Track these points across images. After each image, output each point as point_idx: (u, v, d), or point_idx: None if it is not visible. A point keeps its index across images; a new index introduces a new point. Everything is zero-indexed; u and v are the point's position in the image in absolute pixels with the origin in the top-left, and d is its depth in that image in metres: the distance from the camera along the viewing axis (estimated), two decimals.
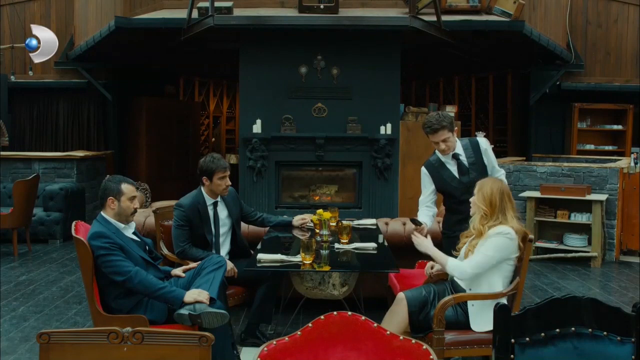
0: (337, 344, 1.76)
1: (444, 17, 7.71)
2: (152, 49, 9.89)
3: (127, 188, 3.51)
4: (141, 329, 1.68)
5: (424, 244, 3.55)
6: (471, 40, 8.78)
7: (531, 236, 3.44)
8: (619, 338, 1.72)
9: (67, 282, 6.12)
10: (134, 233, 3.58)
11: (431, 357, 1.66)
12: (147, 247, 3.60)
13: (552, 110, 10.65)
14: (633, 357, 1.71)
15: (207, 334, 1.70)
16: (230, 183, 4.38)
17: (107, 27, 8.29)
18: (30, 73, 9.60)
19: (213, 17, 6.96)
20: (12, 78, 9.54)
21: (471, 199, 3.50)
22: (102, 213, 3.49)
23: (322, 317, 1.79)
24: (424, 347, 1.70)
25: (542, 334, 1.70)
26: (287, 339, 1.75)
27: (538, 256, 7.35)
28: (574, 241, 7.29)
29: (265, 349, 1.69)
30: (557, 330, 1.71)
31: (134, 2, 8.48)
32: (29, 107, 10.86)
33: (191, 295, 3.26)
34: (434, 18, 7.50)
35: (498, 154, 10.64)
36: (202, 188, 4.37)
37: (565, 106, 10.65)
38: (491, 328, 3.21)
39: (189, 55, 10.38)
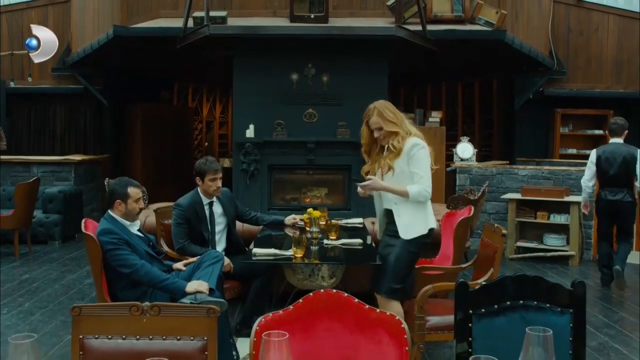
0: (324, 317, 2.07)
1: (430, 27, 8.03)
2: (148, 56, 10.17)
3: (133, 191, 3.80)
4: (158, 303, 1.99)
5: (376, 184, 3.70)
6: (457, 49, 9.11)
7: (504, 231, 3.76)
8: (559, 309, 2.04)
9: (69, 280, 6.39)
10: (138, 230, 3.87)
11: (402, 325, 1.97)
12: (150, 243, 3.90)
13: (535, 116, 10.99)
14: (571, 325, 2.03)
15: (214, 306, 2.01)
16: (220, 185, 4.67)
17: (106, 35, 8.58)
18: (29, 79, 9.85)
19: (208, 26, 7.27)
20: (12, 84, 9.78)
21: (378, 131, 3.72)
22: (109, 212, 3.78)
23: (310, 294, 2.10)
24: (397, 318, 2.01)
25: (495, 306, 2.01)
26: (281, 312, 2.05)
27: (519, 255, 7.68)
28: (553, 241, 7.62)
29: (263, 320, 2.00)
30: (508, 302, 2.02)
31: (131, 11, 8.78)
32: (26, 112, 11.11)
33: (192, 285, 3.56)
34: (420, 27, 7.84)
35: (484, 158, 11.09)
36: (198, 189, 4.68)
37: (548, 111, 11.00)
38: (417, 235, 3.62)
39: (183, 62, 10.66)
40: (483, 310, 2.01)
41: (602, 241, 6.43)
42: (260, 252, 3.83)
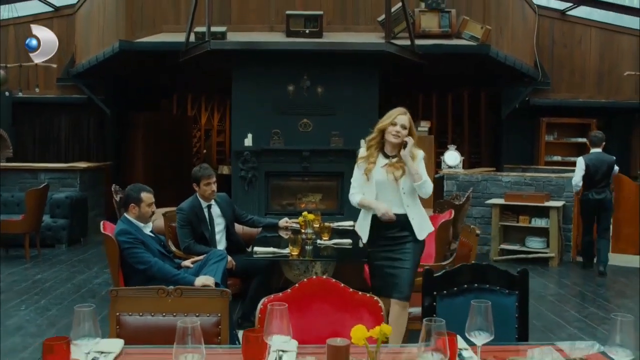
0: (316, 298, 2.52)
1: (418, 41, 8.49)
2: (149, 68, 10.60)
3: (145, 196, 4.25)
4: (181, 287, 2.43)
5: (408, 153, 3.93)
6: (445, 62, 9.56)
7: (478, 231, 4.21)
8: (507, 291, 2.49)
9: (79, 280, 6.81)
10: (151, 231, 4.31)
11: (380, 304, 2.42)
12: (161, 243, 4.34)
13: (521, 124, 11.49)
14: (516, 304, 2.48)
15: (226, 289, 2.45)
16: (215, 189, 5.13)
17: (111, 48, 9.01)
18: (37, 90, 10.29)
19: (209, 42, 7.72)
20: (20, 94, 10.22)
21: (402, 128, 3.94)
22: (125, 214, 4.22)
23: (305, 280, 2.54)
24: (375, 298, 2.45)
25: (455, 289, 2.46)
26: (280, 294, 2.50)
27: (503, 257, 8.13)
28: (534, 243, 8.08)
29: (266, 299, 2.44)
30: (465, 285, 2.47)
31: (134, 25, 9.20)
32: (32, 121, 11.55)
33: (200, 280, 4.01)
34: (409, 42, 8.30)
35: (473, 165, 11.55)
36: (197, 194, 5.14)
37: (534, 120, 11.50)
38: (427, 233, 3.94)
39: (183, 73, 11.11)
40: (445, 292, 2.46)
41: (586, 233, 7.70)
42: (260, 250, 4.29)
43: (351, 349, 1.88)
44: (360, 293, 2.49)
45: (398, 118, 3.97)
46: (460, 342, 2.11)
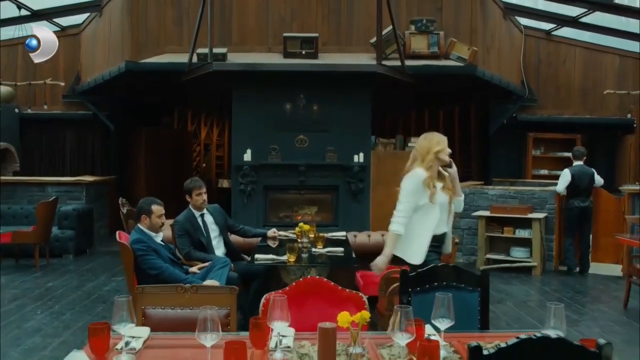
0: (310, 295, 2.96)
1: (409, 62, 8.99)
2: (152, 86, 11.06)
3: (156, 208, 4.71)
4: (196, 285, 2.88)
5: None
6: (435, 81, 10.04)
7: (457, 240, 4.67)
8: (470, 288, 2.95)
9: (89, 288, 7.23)
10: (161, 240, 4.76)
11: (363, 299, 2.87)
12: (171, 251, 4.79)
13: (509, 139, 11.98)
14: (479, 299, 2.94)
15: (234, 287, 2.90)
16: (206, 198, 5.61)
17: (117, 68, 9.47)
18: (45, 107, 10.76)
19: (212, 63, 8.21)
20: (29, 110, 10.68)
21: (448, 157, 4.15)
22: (138, 225, 4.67)
23: (301, 279, 3.00)
24: (360, 294, 2.90)
25: (427, 286, 2.92)
26: (280, 291, 2.95)
27: (488, 266, 8.56)
28: (518, 253, 8.54)
29: (267, 296, 2.89)
30: (435, 283, 2.92)
31: (139, 46, 9.67)
32: (39, 136, 11.99)
33: (207, 283, 4.44)
34: (400, 62, 8.80)
35: (463, 179, 11.97)
36: (190, 206, 5.61)
37: (521, 135, 11.99)
38: None
39: (184, 90, 11.57)
40: (418, 289, 2.91)
41: (568, 238, 8.45)
42: (261, 257, 4.74)
43: (338, 335, 2.32)
44: (347, 290, 2.94)
45: (445, 142, 4.21)
46: (429, 329, 2.56)
